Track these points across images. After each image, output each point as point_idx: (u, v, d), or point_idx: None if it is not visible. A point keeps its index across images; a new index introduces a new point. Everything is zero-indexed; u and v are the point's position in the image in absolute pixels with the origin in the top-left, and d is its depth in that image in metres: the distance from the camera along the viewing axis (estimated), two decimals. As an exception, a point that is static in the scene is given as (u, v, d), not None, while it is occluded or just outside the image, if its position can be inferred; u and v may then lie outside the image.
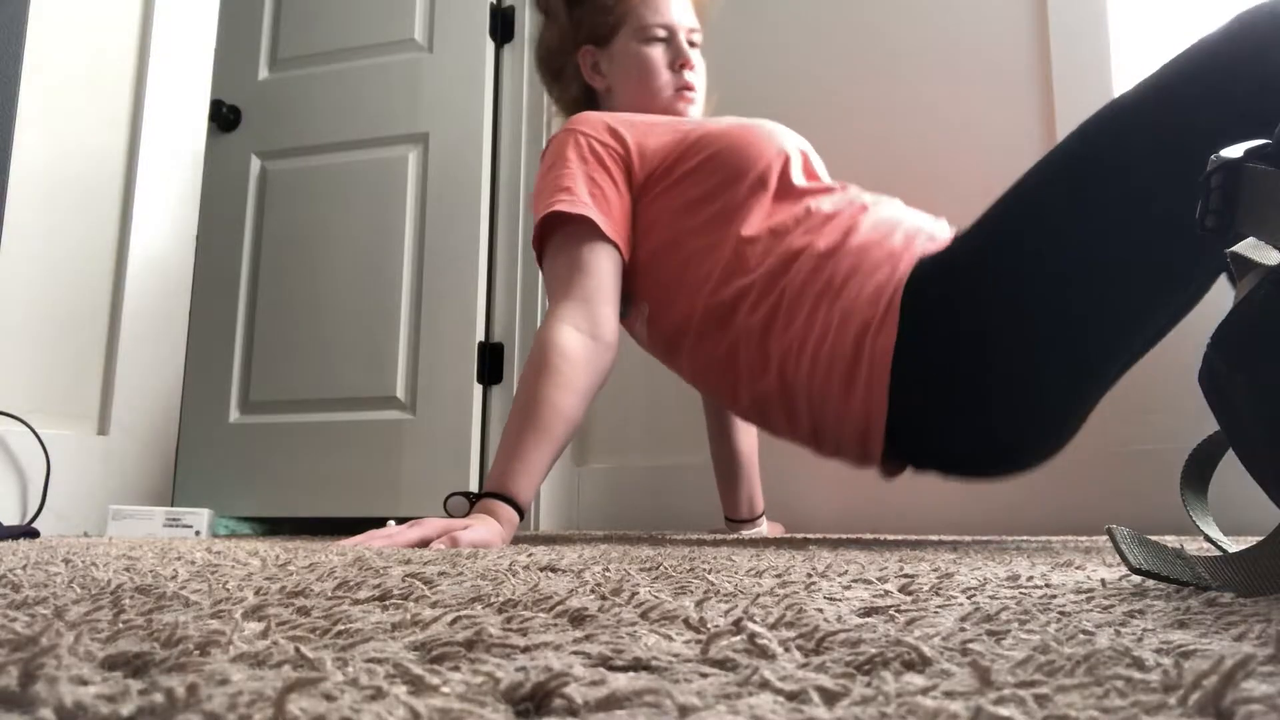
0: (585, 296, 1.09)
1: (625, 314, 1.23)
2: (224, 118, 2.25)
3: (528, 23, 2.15)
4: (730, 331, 1.10)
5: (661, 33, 1.27)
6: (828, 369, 1.03)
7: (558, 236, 1.14)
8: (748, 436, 1.53)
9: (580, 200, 1.12)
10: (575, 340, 1.06)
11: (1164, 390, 1.57)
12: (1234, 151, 0.45)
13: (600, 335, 1.08)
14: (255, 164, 2.25)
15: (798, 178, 1.14)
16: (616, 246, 1.13)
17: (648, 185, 1.17)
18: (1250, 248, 0.47)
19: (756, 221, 1.11)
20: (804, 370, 1.05)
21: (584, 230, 1.12)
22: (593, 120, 1.20)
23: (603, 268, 1.12)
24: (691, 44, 1.30)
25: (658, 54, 1.27)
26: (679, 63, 1.27)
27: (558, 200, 1.12)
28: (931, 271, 1.00)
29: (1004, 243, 0.98)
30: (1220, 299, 0.79)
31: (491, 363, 2.01)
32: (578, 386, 1.05)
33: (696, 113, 1.31)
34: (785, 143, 1.16)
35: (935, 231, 1.09)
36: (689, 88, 1.28)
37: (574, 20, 1.30)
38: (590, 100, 1.35)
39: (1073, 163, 0.95)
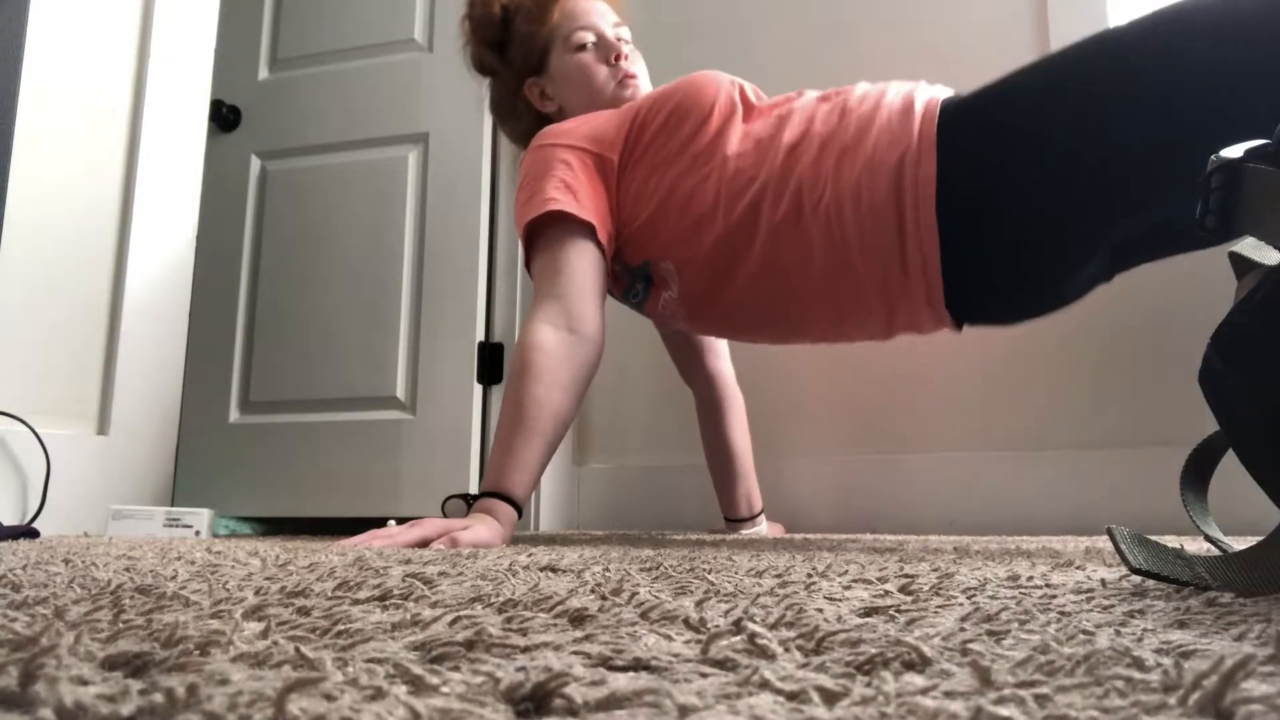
0: (559, 294, 1.11)
1: (647, 298, 1.24)
2: (224, 118, 2.25)
3: (528, 23, 2.15)
4: (758, 239, 1.11)
5: (588, 36, 1.31)
6: (874, 218, 1.05)
7: (537, 243, 1.16)
8: (741, 434, 1.54)
9: (550, 199, 1.14)
10: (551, 335, 1.08)
11: (1164, 390, 1.57)
12: (1234, 152, 0.45)
13: (577, 329, 1.09)
14: (255, 164, 2.24)
15: (756, 100, 1.20)
16: (594, 237, 1.14)
17: (624, 162, 1.20)
18: (1250, 248, 0.47)
19: (737, 141, 1.14)
20: (851, 232, 1.06)
21: (558, 232, 1.14)
22: (548, 132, 1.23)
23: (578, 265, 1.13)
24: (620, 39, 1.33)
25: (589, 57, 1.31)
26: (613, 56, 1.31)
27: (531, 211, 1.15)
28: (964, 108, 1.04)
29: (1046, 93, 1.00)
30: (1220, 299, 0.79)
31: (491, 363, 2.01)
32: (559, 381, 1.06)
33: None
34: (727, 77, 1.21)
35: (918, 88, 1.11)
36: (630, 75, 1.32)
37: (508, 62, 1.35)
38: (544, 125, 1.37)
39: (1126, 46, 0.97)
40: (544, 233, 1.15)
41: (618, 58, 1.31)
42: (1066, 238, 1.03)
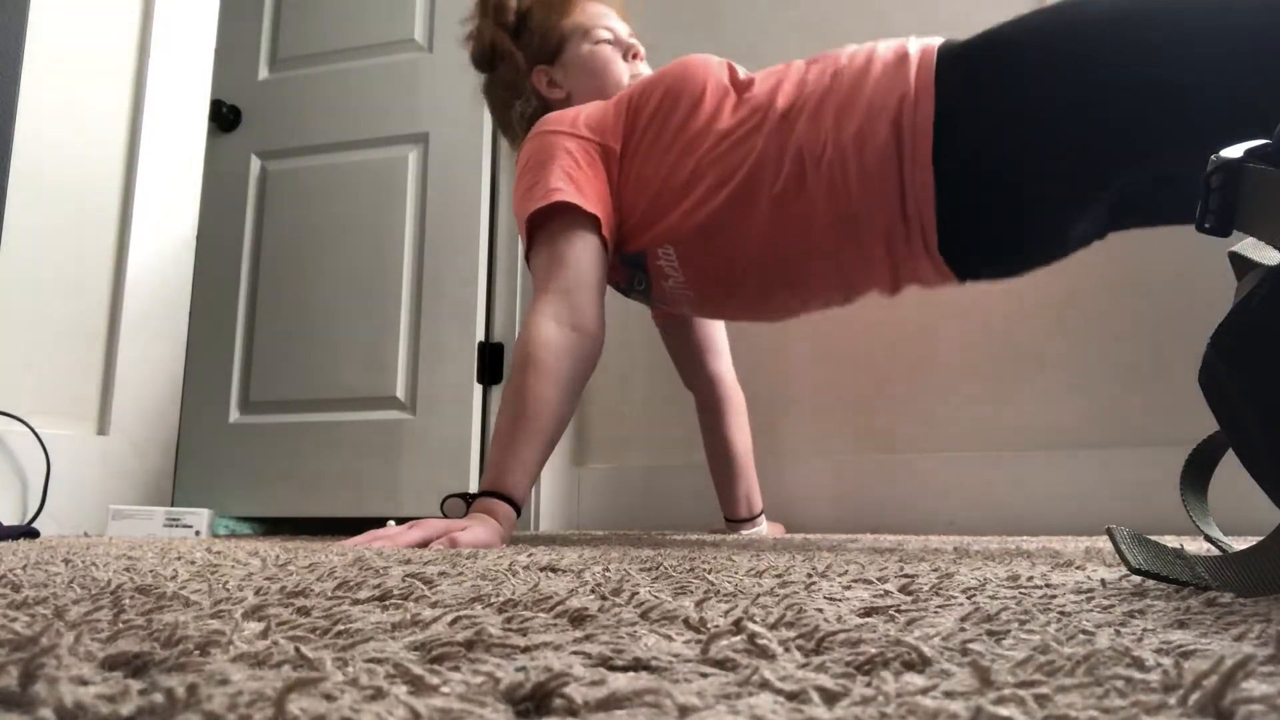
0: (564, 289, 1.10)
1: (643, 286, 1.24)
2: (224, 118, 2.25)
3: (528, 23, 2.16)
4: (759, 208, 1.11)
5: (607, 34, 1.36)
6: (876, 166, 1.05)
7: (539, 235, 1.15)
8: (742, 435, 1.54)
9: (554, 189, 1.14)
10: (555, 332, 1.07)
11: (1164, 390, 1.57)
12: (1234, 151, 0.45)
13: (581, 325, 1.09)
14: (255, 164, 2.24)
15: (744, 77, 1.20)
16: (598, 230, 1.14)
17: (625, 150, 1.20)
18: (1250, 248, 0.47)
19: (729, 117, 1.15)
20: (854, 183, 1.06)
21: (561, 224, 1.13)
22: (549, 120, 1.23)
23: (582, 259, 1.12)
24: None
25: (609, 50, 1.35)
26: (630, 53, 1.37)
27: (534, 203, 1.14)
28: (962, 52, 1.04)
29: (1049, 38, 1.00)
30: (1220, 299, 0.79)
31: (491, 363, 2.01)
32: (561, 378, 1.06)
33: None
34: (716, 59, 1.23)
35: (909, 40, 1.12)
36: (642, 75, 1.35)
37: (522, 47, 1.38)
38: (546, 112, 1.38)
39: (1124, 8, 0.98)
40: (547, 224, 1.15)
41: (635, 55, 1.37)
42: (1065, 186, 1.02)
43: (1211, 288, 1.51)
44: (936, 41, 1.09)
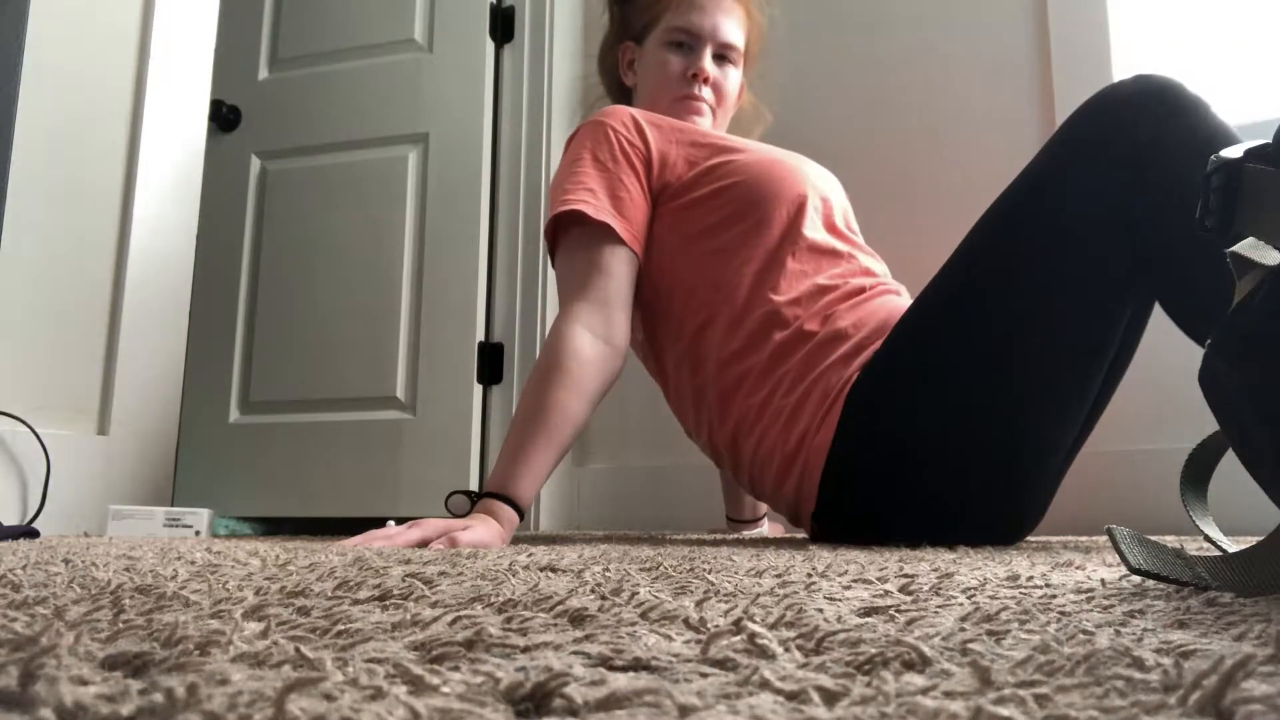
0: (604, 300, 1.08)
1: None
2: (224, 118, 2.25)
3: (528, 23, 2.16)
4: (709, 388, 1.13)
5: (684, 38, 1.25)
6: (769, 456, 1.06)
7: (576, 232, 1.11)
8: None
9: (604, 206, 1.10)
10: (589, 343, 1.04)
11: (1165, 390, 1.57)
12: (1234, 151, 0.45)
13: (613, 340, 1.07)
14: (255, 164, 2.24)
15: (810, 229, 1.12)
16: (634, 253, 1.12)
17: (662, 196, 1.16)
18: (1250, 248, 0.47)
19: (782, 280, 1.09)
20: (750, 446, 1.08)
21: (605, 231, 1.10)
22: (622, 115, 1.17)
23: (621, 272, 1.10)
24: (722, 57, 1.27)
25: (675, 60, 1.25)
26: (693, 72, 1.24)
27: (581, 200, 1.10)
28: (869, 372, 1.02)
29: (928, 338, 0.99)
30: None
31: (491, 363, 2.01)
32: (587, 391, 1.03)
33: (707, 124, 1.28)
34: (806, 185, 1.14)
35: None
36: (695, 98, 1.25)
37: (618, 16, 1.32)
38: (623, 96, 1.36)
39: (975, 266, 0.98)
40: (585, 225, 1.10)
41: (695, 75, 1.25)
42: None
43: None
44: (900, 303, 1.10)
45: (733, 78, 1.30)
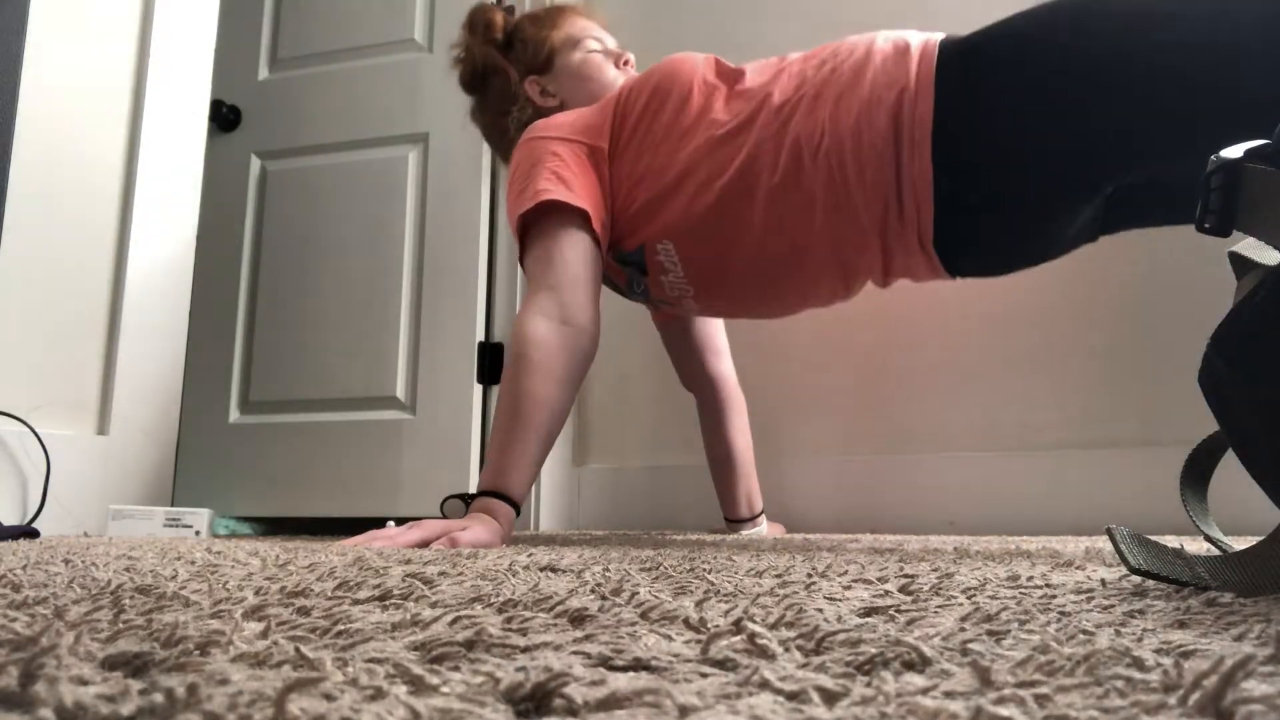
0: (552, 285, 1.11)
1: (642, 289, 1.24)
2: (224, 118, 2.25)
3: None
4: (757, 200, 1.11)
5: (596, 44, 1.38)
6: (874, 158, 1.05)
7: (530, 237, 1.16)
8: (742, 435, 1.54)
9: (541, 190, 1.14)
10: (544, 328, 1.07)
11: (1164, 390, 1.57)
12: (1234, 151, 0.45)
13: (571, 319, 1.09)
14: (255, 164, 2.24)
15: (735, 67, 1.20)
16: (588, 227, 1.14)
17: (614, 149, 1.21)
18: (1250, 248, 0.47)
19: (722, 110, 1.15)
20: (852, 175, 1.06)
21: (550, 224, 1.14)
22: (540, 125, 1.25)
23: (571, 255, 1.13)
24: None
25: (599, 58, 1.37)
26: (621, 60, 1.39)
27: (525, 204, 1.15)
28: (963, 48, 1.04)
29: (1053, 36, 1.00)
30: (1220, 299, 0.79)
31: (491, 363, 2.01)
32: (555, 374, 1.06)
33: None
34: (701, 55, 1.23)
35: (909, 33, 1.11)
36: (630, 65, 1.39)
37: (512, 59, 1.40)
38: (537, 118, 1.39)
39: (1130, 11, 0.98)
40: (537, 224, 1.15)
41: (625, 63, 1.39)
42: (1063, 185, 1.02)
43: (1211, 288, 1.51)
44: (938, 36, 1.09)
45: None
